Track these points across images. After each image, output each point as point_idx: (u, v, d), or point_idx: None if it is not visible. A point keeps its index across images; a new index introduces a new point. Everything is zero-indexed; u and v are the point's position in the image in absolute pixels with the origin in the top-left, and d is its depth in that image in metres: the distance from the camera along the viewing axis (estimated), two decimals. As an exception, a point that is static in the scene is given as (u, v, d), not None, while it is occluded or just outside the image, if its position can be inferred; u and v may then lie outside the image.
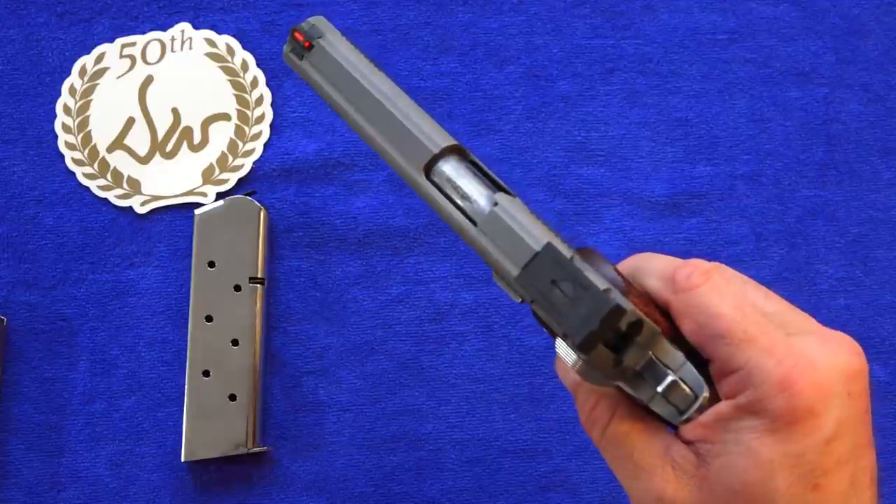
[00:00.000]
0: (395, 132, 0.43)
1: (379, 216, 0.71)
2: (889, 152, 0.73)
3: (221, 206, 0.69)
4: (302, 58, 0.46)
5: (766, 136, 0.73)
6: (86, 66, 0.74)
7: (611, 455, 0.41)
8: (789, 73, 0.74)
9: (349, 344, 0.69)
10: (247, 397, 0.66)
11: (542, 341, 0.69)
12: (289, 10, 0.75)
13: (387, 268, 0.70)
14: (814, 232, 0.71)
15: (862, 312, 0.70)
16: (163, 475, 0.67)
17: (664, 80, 0.74)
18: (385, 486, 0.67)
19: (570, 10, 0.75)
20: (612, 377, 0.39)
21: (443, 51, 0.74)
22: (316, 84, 0.46)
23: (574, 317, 0.37)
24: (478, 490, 0.67)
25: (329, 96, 0.46)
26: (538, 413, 0.68)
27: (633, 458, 0.40)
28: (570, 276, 0.38)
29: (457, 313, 0.70)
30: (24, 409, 0.68)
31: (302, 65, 0.46)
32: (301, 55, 0.46)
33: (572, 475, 0.67)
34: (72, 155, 0.72)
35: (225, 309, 0.67)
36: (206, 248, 0.68)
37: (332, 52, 0.46)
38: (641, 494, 0.39)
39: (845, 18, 0.75)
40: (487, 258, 0.41)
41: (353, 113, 0.45)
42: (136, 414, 0.68)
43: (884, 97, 0.73)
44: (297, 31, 0.46)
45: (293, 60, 0.47)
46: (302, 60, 0.46)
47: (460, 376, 0.69)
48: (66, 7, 0.75)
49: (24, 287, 0.70)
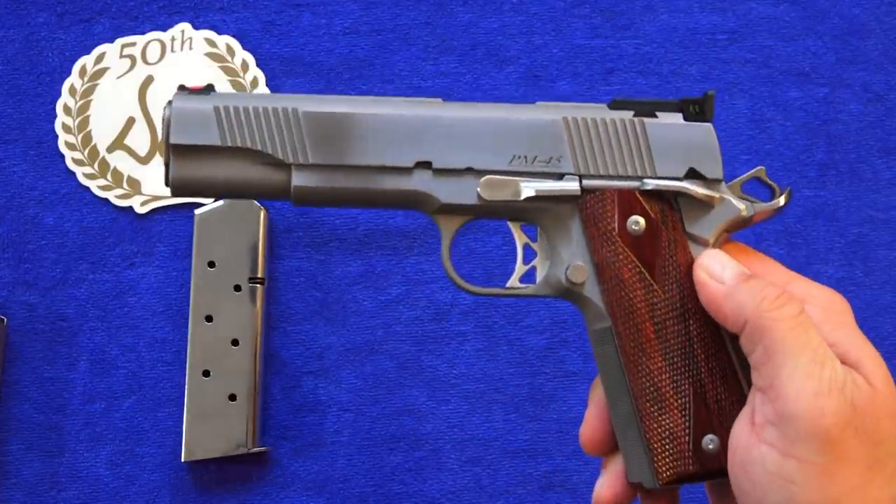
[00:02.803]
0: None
1: (379, 216, 0.71)
2: (889, 152, 0.72)
3: (221, 206, 0.69)
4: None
5: (766, 136, 0.73)
6: (86, 66, 0.74)
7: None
8: (789, 73, 0.74)
9: (349, 344, 0.69)
10: (247, 397, 0.66)
11: (542, 341, 0.69)
12: (289, 10, 0.75)
13: (387, 268, 0.70)
14: (814, 232, 0.71)
15: (862, 312, 0.69)
16: (163, 475, 0.67)
17: (664, 80, 0.74)
18: (385, 486, 0.67)
19: (570, 10, 0.75)
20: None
21: (443, 51, 0.74)
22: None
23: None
24: (478, 490, 0.67)
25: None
26: (538, 413, 0.68)
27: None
28: None
29: (457, 313, 0.69)
30: (24, 409, 0.68)
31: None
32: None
33: (572, 475, 0.67)
34: (72, 155, 0.72)
35: (225, 309, 0.67)
36: (206, 248, 0.68)
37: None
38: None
39: (845, 18, 0.75)
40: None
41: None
42: (136, 414, 0.68)
43: (884, 97, 0.73)
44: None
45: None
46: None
47: (460, 376, 0.69)
48: (66, 7, 0.75)
49: (24, 287, 0.70)
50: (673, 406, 0.44)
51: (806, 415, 0.39)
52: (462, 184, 0.46)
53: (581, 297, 0.46)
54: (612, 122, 0.46)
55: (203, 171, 0.45)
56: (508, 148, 0.46)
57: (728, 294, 0.43)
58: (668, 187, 0.45)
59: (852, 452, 0.39)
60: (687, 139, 0.46)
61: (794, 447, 0.39)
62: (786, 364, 0.40)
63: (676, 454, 0.44)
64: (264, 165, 0.45)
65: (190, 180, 0.45)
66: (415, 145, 0.45)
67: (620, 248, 0.45)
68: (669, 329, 0.44)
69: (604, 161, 0.46)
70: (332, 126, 0.45)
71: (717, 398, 0.44)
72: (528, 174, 0.46)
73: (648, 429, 0.44)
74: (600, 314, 0.45)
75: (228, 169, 0.45)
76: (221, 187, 0.46)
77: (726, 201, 0.46)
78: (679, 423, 0.44)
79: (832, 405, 0.39)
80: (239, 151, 0.45)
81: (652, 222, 0.45)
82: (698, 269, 0.44)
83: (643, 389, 0.44)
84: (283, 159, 0.45)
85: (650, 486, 0.45)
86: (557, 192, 0.45)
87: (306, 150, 0.45)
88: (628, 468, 0.46)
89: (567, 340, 0.69)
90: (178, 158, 0.45)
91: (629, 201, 0.45)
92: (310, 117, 0.45)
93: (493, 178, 0.46)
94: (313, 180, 0.45)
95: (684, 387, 0.44)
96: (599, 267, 0.45)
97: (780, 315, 0.41)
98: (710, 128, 0.47)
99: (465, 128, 0.46)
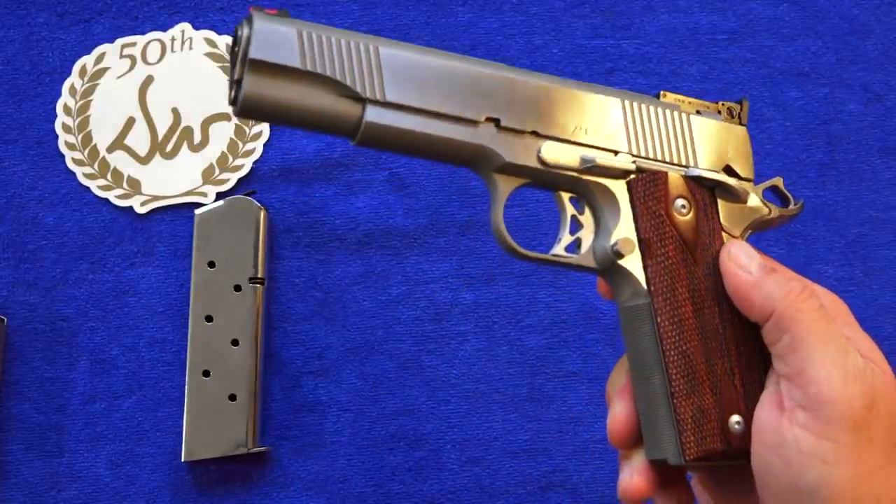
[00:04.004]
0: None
1: (379, 216, 0.71)
2: (889, 152, 0.73)
3: (221, 206, 0.69)
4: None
5: (766, 136, 0.73)
6: (86, 66, 0.74)
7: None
8: (789, 73, 0.74)
9: (349, 344, 0.69)
10: (247, 397, 0.66)
11: (542, 341, 0.69)
12: (289, 10, 0.74)
13: (387, 268, 0.70)
14: (814, 232, 0.71)
15: (862, 312, 0.69)
16: (163, 475, 0.67)
17: (664, 80, 0.74)
18: (385, 486, 0.67)
19: (570, 10, 0.75)
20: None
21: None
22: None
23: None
24: (478, 490, 0.67)
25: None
26: (538, 413, 0.68)
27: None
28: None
29: (457, 313, 0.70)
30: (24, 409, 0.68)
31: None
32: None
33: (572, 475, 0.67)
34: (72, 155, 0.72)
35: (225, 309, 0.67)
36: (206, 248, 0.68)
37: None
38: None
39: (845, 18, 0.75)
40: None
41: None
42: (136, 414, 0.68)
43: (884, 97, 0.73)
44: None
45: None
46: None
47: (460, 376, 0.69)
48: (66, 7, 0.75)
49: (24, 287, 0.70)
50: (705, 385, 0.46)
51: (839, 399, 0.41)
52: (526, 145, 0.47)
53: (622, 272, 0.47)
54: (664, 112, 0.49)
55: (278, 93, 0.44)
56: (573, 119, 0.47)
57: (756, 284, 0.45)
58: (710, 177, 0.48)
59: (876, 434, 0.41)
60: (725, 138, 0.49)
61: (828, 429, 0.41)
62: (815, 353, 0.42)
63: (705, 432, 0.45)
64: (339, 97, 0.45)
65: (263, 100, 0.44)
66: (487, 100, 0.46)
67: (668, 227, 0.47)
68: (706, 311, 0.46)
69: (654, 145, 0.48)
70: (411, 69, 0.46)
71: (745, 381, 0.46)
72: (586, 146, 0.47)
73: (680, 406, 0.45)
74: (638, 290, 0.47)
75: (303, 94, 0.44)
76: (292, 112, 0.45)
77: (755, 200, 0.49)
78: (710, 403, 0.45)
79: (859, 390, 0.41)
80: (318, 78, 0.45)
81: (697, 208, 0.47)
82: (726, 259, 0.46)
83: (678, 367, 0.46)
84: (360, 93, 0.45)
85: (675, 462, 0.46)
86: (616, 166, 0.47)
87: (384, 87, 0.45)
88: (651, 446, 0.47)
89: (567, 340, 0.69)
90: (255, 75, 0.44)
91: (677, 184, 0.48)
92: (390, 57, 0.46)
93: (556, 144, 0.47)
94: (386, 118, 0.45)
95: (717, 367, 0.46)
96: (646, 243, 0.47)
97: (807, 306, 0.43)
98: (745, 131, 0.50)
99: (535, 93, 0.47)
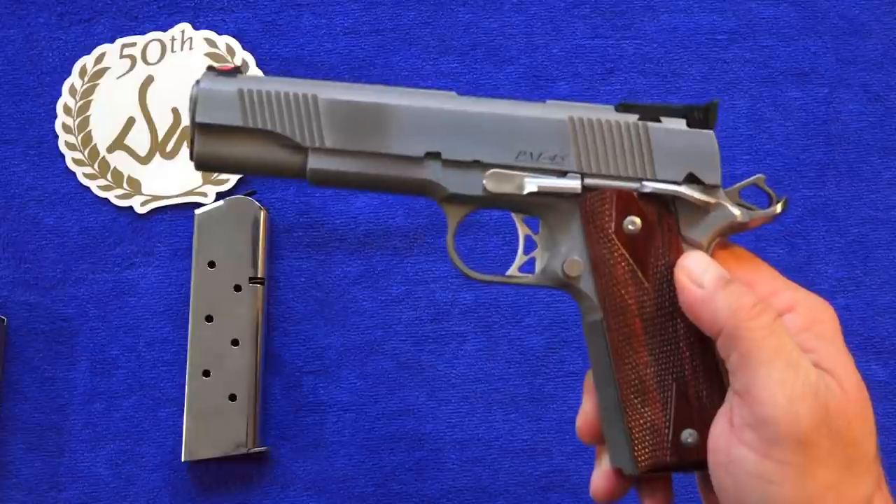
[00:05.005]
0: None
1: (379, 216, 0.71)
2: (889, 152, 0.73)
3: (221, 206, 0.69)
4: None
5: (766, 136, 0.73)
6: (86, 66, 0.74)
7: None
8: (789, 73, 0.74)
9: (349, 344, 0.69)
10: (247, 397, 0.66)
11: (542, 341, 0.69)
12: (289, 10, 0.75)
13: (387, 268, 0.70)
14: (814, 232, 0.71)
15: (862, 312, 0.70)
16: (163, 475, 0.67)
17: (664, 80, 0.74)
18: (385, 486, 0.67)
19: (570, 10, 0.75)
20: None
21: (443, 51, 0.74)
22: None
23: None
24: (478, 490, 0.67)
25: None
26: (538, 413, 0.68)
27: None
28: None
29: (457, 313, 0.70)
30: (24, 409, 0.68)
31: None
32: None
33: (572, 475, 0.67)
34: (72, 155, 0.72)
35: (225, 309, 0.67)
36: (206, 248, 0.68)
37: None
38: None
39: (845, 18, 0.75)
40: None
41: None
42: (136, 414, 0.68)
43: (884, 97, 0.73)
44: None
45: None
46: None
47: (460, 376, 0.69)
48: (66, 7, 0.75)
49: (24, 287, 0.70)
50: (655, 399, 0.46)
51: (782, 419, 0.40)
52: (469, 176, 0.47)
53: (576, 290, 0.48)
54: (617, 125, 0.47)
55: (225, 149, 0.47)
56: (515, 143, 0.47)
57: (706, 299, 0.44)
58: (665, 191, 0.47)
59: (827, 453, 0.40)
60: (688, 145, 0.47)
61: (772, 449, 0.40)
62: (760, 371, 0.41)
63: (655, 445, 0.45)
64: (283, 147, 0.47)
65: (212, 156, 0.48)
66: (426, 136, 0.47)
67: (615, 246, 0.46)
68: (657, 326, 0.46)
69: (606, 161, 0.47)
70: (349, 113, 0.47)
71: (699, 395, 0.45)
72: (532, 170, 0.47)
73: (631, 419, 0.46)
74: (593, 307, 0.47)
75: (249, 148, 0.47)
76: (241, 165, 0.48)
77: (722, 207, 0.47)
78: (660, 416, 0.45)
79: (806, 409, 0.40)
80: (259, 133, 0.47)
81: (648, 223, 0.46)
82: (679, 272, 0.45)
83: (628, 381, 0.46)
84: (301, 142, 0.47)
85: (629, 473, 0.47)
86: (559, 189, 0.47)
87: (323, 135, 0.47)
88: (611, 454, 0.48)
89: (567, 340, 0.69)
90: (202, 136, 0.47)
91: (627, 202, 0.47)
92: (328, 104, 0.47)
93: (499, 172, 0.47)
94: (328, 164, 0.47)
95: (667, 382, 0.46)
96: (594, 263, 0.47)
97: (756, 324, 0.42)
98: (712, 135, 0.48)
99: (475, 122, 0.47)
